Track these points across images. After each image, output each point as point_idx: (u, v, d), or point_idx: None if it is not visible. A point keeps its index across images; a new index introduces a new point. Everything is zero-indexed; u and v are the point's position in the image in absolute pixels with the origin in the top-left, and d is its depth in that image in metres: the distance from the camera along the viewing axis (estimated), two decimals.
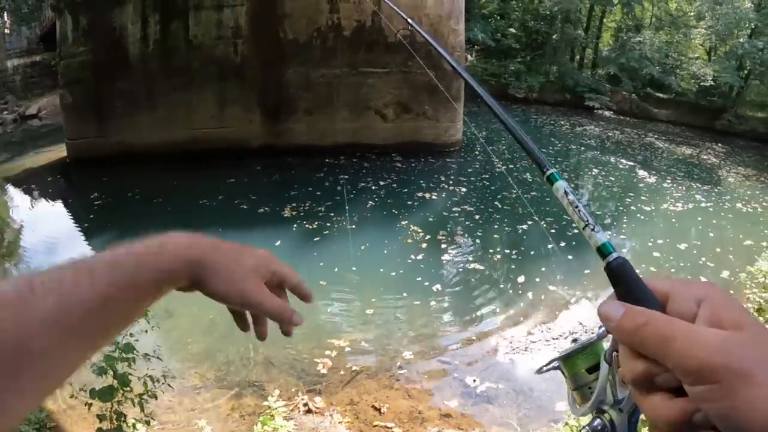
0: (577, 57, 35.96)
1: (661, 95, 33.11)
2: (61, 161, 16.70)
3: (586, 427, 0.71)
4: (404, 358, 7.48)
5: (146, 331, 4.85)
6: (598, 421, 0.70)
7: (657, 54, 32.59)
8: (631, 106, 31.86)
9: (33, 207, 14.48)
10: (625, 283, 0.59)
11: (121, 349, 4.58)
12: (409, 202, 13.71)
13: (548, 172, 0.75)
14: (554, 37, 33.95)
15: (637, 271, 0.61)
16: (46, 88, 24.52)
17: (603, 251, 0.63)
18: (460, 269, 10.65)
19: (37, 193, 15.04)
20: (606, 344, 0.71)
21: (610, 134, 24.73)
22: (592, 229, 0.66)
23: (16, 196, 15.34)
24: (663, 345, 0.51)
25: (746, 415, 0.47)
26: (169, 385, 5.24)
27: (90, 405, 4.60)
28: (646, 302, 0.56)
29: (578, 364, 0.75)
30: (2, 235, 12.85)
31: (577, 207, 0.68)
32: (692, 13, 36.09)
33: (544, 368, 0.89)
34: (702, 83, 31.89)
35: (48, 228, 12.50)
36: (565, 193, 0.70)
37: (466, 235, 12.18)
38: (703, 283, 0.58)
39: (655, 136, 26.06)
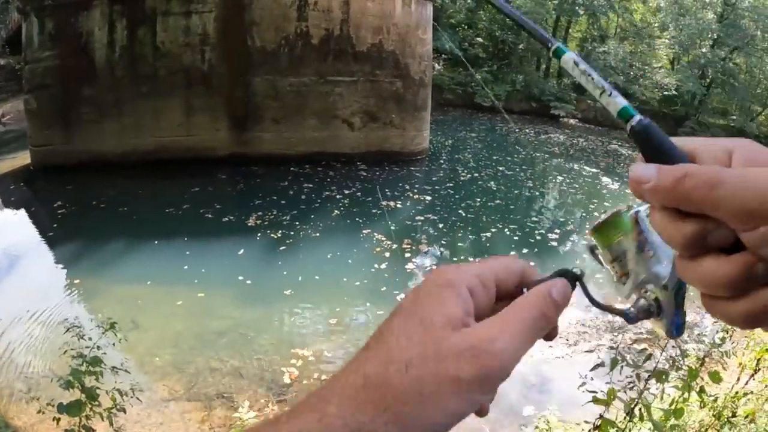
0: (543, 66, 36.45)
1: None
2: (24, 168, 16.42)
3: (632, 309, 0.66)
4: None
5: (114, 344, 4.83)
6: (642, 301, 0.66)
7: (621, 64, 33.15)
8: (596, 115, 32.38)
9: None
10: (651, 144, 0.54)
11: (89, 363, 4.57)
12: (374, 211, 13.78)
13: (553, 47, 0.69)
14: (520, 46, 34.37)
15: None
16: (11, 92, 24.06)
17: (624, 115, 0.58)
18: (425, 278, 10.73)
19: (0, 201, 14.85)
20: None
21: (574, 142, 25.15)
22: (609, 95, 0.60)
23: None
24: (711, 192, 0.45)
25: None
26: (137, 398, 5.23)
27: (58, 420, 4.58)
28: (675, 158, 0.52)
29: (611, 236, 0.66)
30: None
31: (590, 75, 0.62)
32: (656, 24, 36.84)
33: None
34: (665, 92, 32.53)
35: (10, 237, 12.31)
36: (575, 63, 0.65)
37: (431, 244, 12.29)
38: (735, 138, 0.54)
39: (619, 143, 26.53)
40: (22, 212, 14.05)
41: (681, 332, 0.66)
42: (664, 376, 3.96)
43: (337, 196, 14.63)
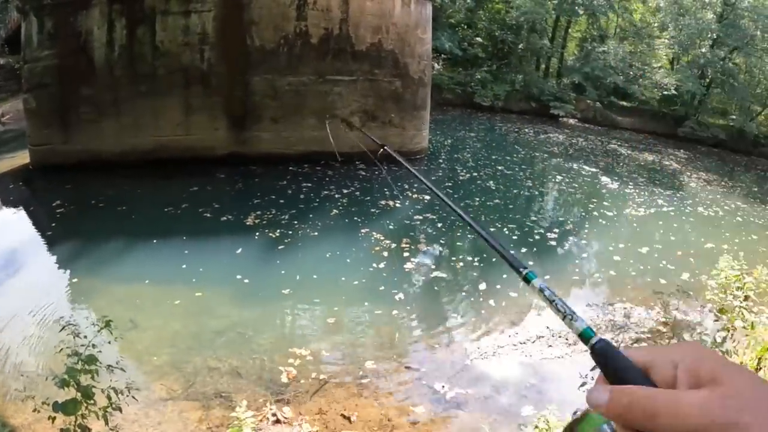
0: (543, 66, 36.47)
1: (624, 103, 33.77)
2: (24, 168, 16.40)
3: None
4: (372, 366, 7.50)
5: (109, 342, 4.80)
6: None
7: (621, 63, 33.15)
8: (595, 114, 32.39)
9: None
10: (608, 362, 0.64)
11: (84, 361, 4.54)
12: (372, 210, 13.77)
13: (524, 272, 0.81)
14: (520, 46, 34.37)
15: (618, 347, 0.66)
16: (10, 92, 24.02)
17: (585, 336, 0.68)
18: (423, 277, 10.73)
19: None
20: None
21: (574, 141, 25.11)
22: (571, 319, 0.70)
23: None
24: (651, 422, 0.55)
25: None
26: (133, 397, 5.19)
27: (53, 419, 4.56)
28: (630, 377, 0.61)
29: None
30: None
31: (553, 301, 0.72)
32: (656, 24, 36.84)
33: None
34: (665, 92, 32.53)
35: (9, 236, 12.32)
36: (541, 290, 0.75)
37: (430, 243, 12.28)
38: (680, 344, 0.63)
39: (619, 143, 26.53)
40: (21, 211, 14.03)
41: None
42: None
43: (336, 196, 14.60)
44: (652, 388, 0.58)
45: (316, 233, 12.21)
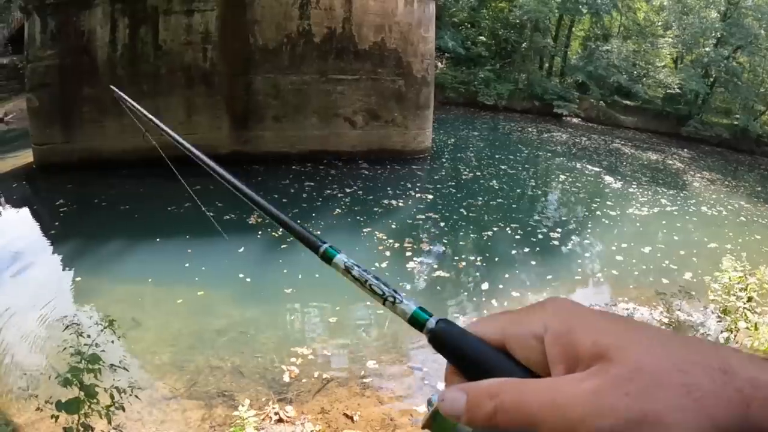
0: (546, 65, 36.43)
1: (628, 102, 33.69)
2: (26, 167, 16.45)
3: None
4: (374, 366, 7.50)
5: (112, 342, 4.80)
6: None
7: (624, 62, 33.09)
8: (599, 113, 32.33)
9: None
10: (456, 350, 0.49)
11: (87, 360, 4.55)
12: (375, 210, 13.76)
13: (323, 248, 0.64)
14: (523, 45, 34.32)
15: (469, 321, 0.52)
16: (13, 91, 24.05)
17: (419, 320, 0.52)
18: (426, 277, 10.72)
19: (2, 199, 14.80)
20: None
21: (577, 140, 25.07)
22: (394, 302, 0.54)
23: None
24: (530, 427, 0.41)
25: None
26: (136, 396, 5.21)
27: (57, 417, 4.57)
28: (488, 364, 0.47)
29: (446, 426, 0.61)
30: None
31: (366, 281, 0.56)
32: (660, 23, 36.76)
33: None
34: (668, 91, 32.47)
35: (12, 235, 12.35)
36: (347, 268, 0.59)
37: (432, 243, 12.25)
38: (540, 305, 0.48)
39: (622, 142, 26.47)
40: (25, 210, 14.07)
41: None
42: None
43: (339, 195, 14.59)
44: (520, 380, 0.44)
45: (318, 232, 12.09)
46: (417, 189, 15.52)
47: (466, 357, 0.48)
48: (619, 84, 33.28)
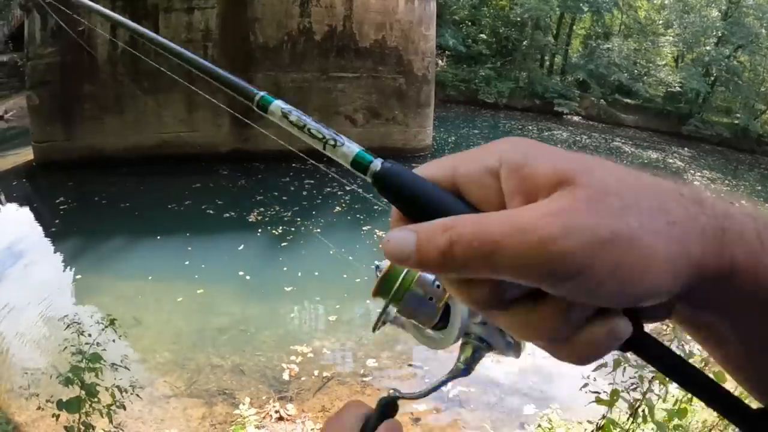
0: (547, 63, 36.41)
1: (628, 101, 33.68)
2: (27, 165, 16.42)
3: (460, 363, 0.63)
4: (374, 364, 7.52)
5: (113, 340, 4.81)
6: (467, 348, 0.62)
7: (625, 61, 33.07)
8: (599, 112, 32.31)
9: None
10: (401, 191, 0.44)
11: (88, 359, 4.55)
12: (375, 208, 13.72)
13: (258, 97, 0.57)
14: (524, 43, 34.30)
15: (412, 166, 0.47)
16: (13, 89, 23.97)
17: (362, 162, 0.47)
18: None
19: (2, 196, 14.78)
20: None
21: (577, 139, 25.04)
22: (335, 144, 0.49)
23: None
24: (490, 260, 0.36)
25: (641, 283, 0.37)
26: (137, 395, 5.22)
27: (57, 416, 4.58)
28: (439, 204, 0.42)
29: (399, 288, 0.59)
30: None
31: (305, 126, 0.52)
32: (660, 22, 36.74)
33: (380, 325, 0.69)
34: (669, 89, 32.45)
35: (13, 232, 12.31)
36: (285, 114, 0.54)
37: None
38: (490, 145, 0.43)
39: (622, 140, 26.46)
40: (25, 208, 14.05)
41: (519, 350, 0.63)
42: (667, 378, 3.91)
43: (339, 193, 14.56)
44: (478, 213, 0.40)
45: (318, 230, 12.20)
46: None
47: (415, 199, 0.42)
48: (620, 82, 33.26)
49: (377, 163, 0.46)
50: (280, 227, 12.21)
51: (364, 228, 12.33)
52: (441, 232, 0.38)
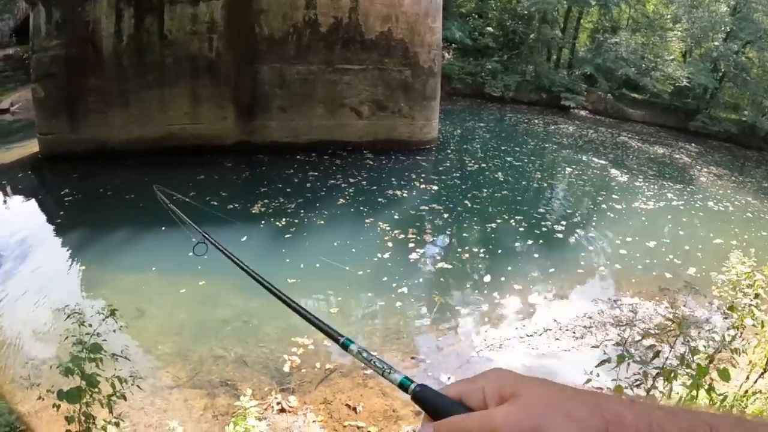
0: (554, 57, 36.22)
1: (636, 96, 33.51)
2: (32, 157, 16.46)
3: None
4: (377, 357, 7.51)
5: (114, 331, 4.80)
6: None
7: (633, 55, 32.84)
8: (606, 106, 32.17)
9: (3, 202, 14.22)
10: (429, 403, 0.70)
11: (89, 350, 4.54)
12: (379, 200, 13.73)
13: (342, 340, 0.91)
14: (531, 36, 34.14)
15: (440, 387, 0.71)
16: (19, 82, 24.07)
17: (404, 385, 0.75)
18: (429, 268, 10.70)
19: (8, 188, 14.81)
20: None
21: (584, 133, 24.92)
22: (389, 372, 0.78)
23: None
24: None
25: None
26: (138, 386, 5.20)
27: (58, 407, 4.58)
28: (449, 410, 0.67)
29: None
30: None
31: (371, 360, 0.82)
32: (669, 16, 36.47)
33: None
34: (677, 85, 32.22)
35: (18, 224, 12.34)
36: (359, 352, 0.85)
37: (436, 234, 12.22)
38: (485, 372, 0.69)
39: (629, 135, 26.30)
40: (31, 200, 14.08)
41: None
42: (672, 375, 3.86)
43: (343, 185, 14.56)
44: (467, 413, 0.66)
45: (322, 222, 12.20)
46: (422, 180, 15.47)
47: (437, 407, 0.69)
48: (628, 77, 33.06)
49: (413, 386, 0.74)
50: (284, 219, 12.21)
51: (367, 220, 12.30)
52: (444, 426, 0.66)
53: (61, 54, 15.47)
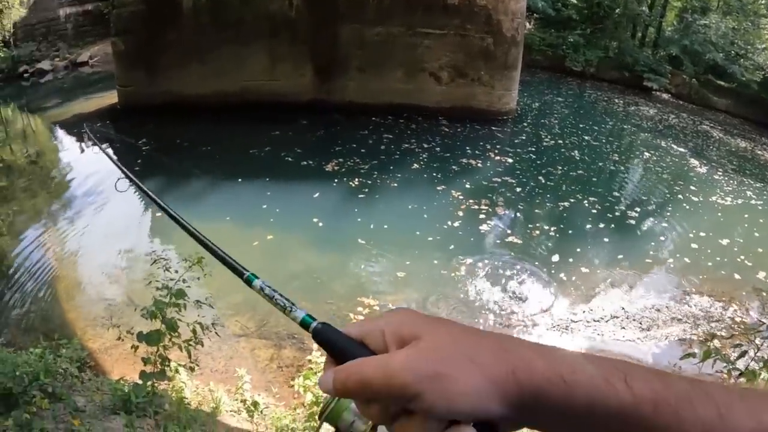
0: (639, 34, 34.83)
1: (722, 83, 32.03)
2: (110, 107, 16.95)
3: None
4: None
5: (198, 278, 4.96)
6: None
7: (722, 40, 31.37)
8: (690, 91, 30.93)
9: (82, 150, 14.71)
10: (330, 344, 0.66)
11: (174, 295, 4.70)
12: (453, 168, 13.63)
13: (246, 275, 0.86)
14: (617, 11, 32.91)
15: (341, 328, 0.68)
16: (98, 36, 24.49)
17: (305, 323, 0.71)
18: (498, 240, 10.63)
19: (86, 136, 15.24)
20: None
21: (664, 117, 23.99)
22: (291, 310, 0.74)
23: (65, 139, 15.65)
24: (368, 389, 0.59)
25: (453, 401, 0.56)
26: (216, 333, 5.38)
27: (136, 348, 4.76)
28: (350, 353, 0.64)
29: (339, 414, 0.79)
30: (50, 175, 13.13)
31: (273, 297, 0.78)
32: (763, 1, 34.71)
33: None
34: (766, 75, 30.80)
35: (95, 169, 12.70)
36: (261, 289, 0.82)
37: (507, 207, 12.10)
38: (388, 312, 0.66)
39: (711, 124, 25.24)
40: (108, 148, 14.35)
41: None
42: (756, 375, 3.79)
43: (417, 150, 14.50)
44: (365, 358, 0.62)
45: (395, 185, 12.24)
46: (496, 151, 15.27)
47: (337, 348, 0.65)
48: (715, 62, 31.60)
49: (314, 324, 0.70)
50: (357, 179, 12.29)
51: (439, 187, 12.27)
52: (342, 372, 0.61)
53: (141, 10, 15.68)
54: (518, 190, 12.93)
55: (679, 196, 14.24)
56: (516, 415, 0.58)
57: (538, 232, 11.12)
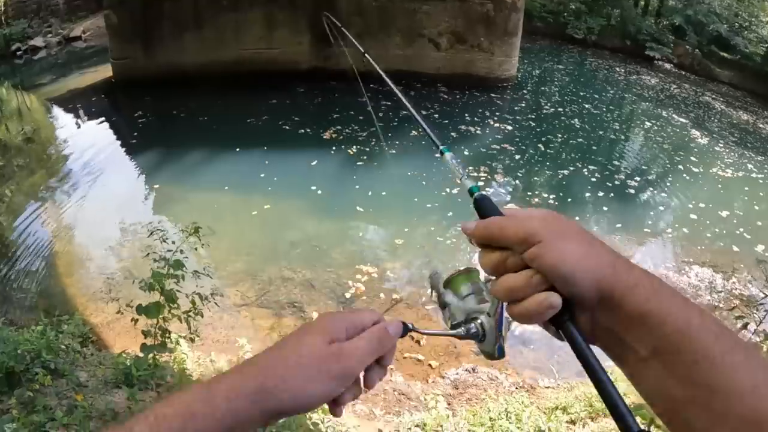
0: (642, 3, 34.41)
1: (725, 55, 31.68)
2: (105, 82, 16.72)
3: (463, 327, 0.87)
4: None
5: (195, 249, 4.89)
6: (472, 325, 0.87)
7: (726, 11, 31.08)
8: (693, 62, 30.62)
9: (78, 125, 14.55)
10: (484, 209, 0.79)
11: (171, 266, 4.66)
12: (452, 134, 13.55)
13: (441, 147, 1.02)
14: None
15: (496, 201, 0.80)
16: (90, 10, 24.19)
17: (472, 191, 0.83)
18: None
19: (82, 111, 15.14)
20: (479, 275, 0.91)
21: (666, 87, 23.75)
22: (463, 178, 0.89)
23: (61, 115, 15.41)
24: (501, 231, 0.72)
25: (563, 259, 0.67)
26: (216, 303, 5.35)
27: (136, 320, 4.74)
28: (492, 213, 0.77)
29: (458, 285, 0.91)
30: (47, 151, 13.04)
31: (457, 168, 0.93)
32: None
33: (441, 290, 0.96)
34: None
35: (92, 144, 12.67)
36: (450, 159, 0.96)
37: (506, 175, 12.05)
38: (527, 212, 0.76)
39: (713, 96, 24.99)
40: (104, 122, 14.31)
41: (503, 355, 0.89)
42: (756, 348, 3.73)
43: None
44: (506, 217, 0.75)
45: (393, 152, 12.16)
46: (495, 118, 15.15)
47: (486, 212, 0.78)
48: (719, 33, 31.24)
49: (477, 194, 0.81)
50: (354, 146, 12.21)
51: (437, 155, 12.14)
52: (485, 222, 0.75)
53: None
54: (517, 157, 12.85)
55: (680, 166, 14.15)
56: (597, 306, 0.69)
57: (537, 199, 11.08)
